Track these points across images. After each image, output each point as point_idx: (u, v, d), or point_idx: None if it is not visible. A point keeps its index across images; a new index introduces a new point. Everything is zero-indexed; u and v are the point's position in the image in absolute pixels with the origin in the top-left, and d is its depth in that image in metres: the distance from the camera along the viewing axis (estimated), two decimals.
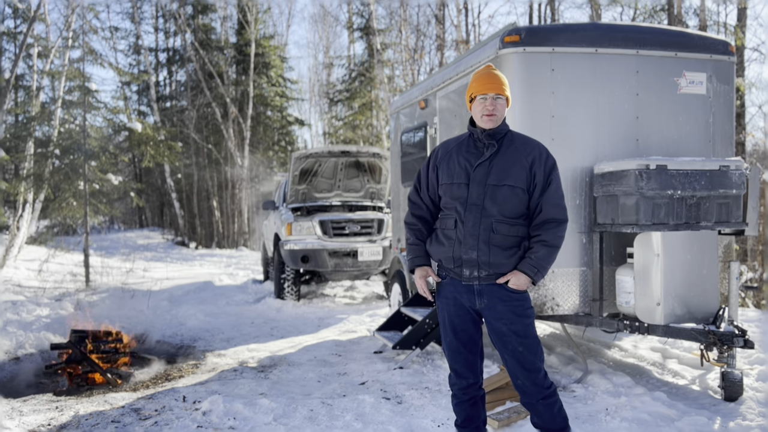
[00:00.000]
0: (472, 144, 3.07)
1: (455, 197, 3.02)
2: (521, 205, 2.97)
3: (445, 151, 3.15)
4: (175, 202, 27.39)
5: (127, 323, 7.23)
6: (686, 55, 4.93)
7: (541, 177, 2.98)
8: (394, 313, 6.39)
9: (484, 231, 2.95)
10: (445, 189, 3.08)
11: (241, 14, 25.06)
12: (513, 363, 3.01)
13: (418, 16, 21.75)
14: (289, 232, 9.40)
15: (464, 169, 3.02)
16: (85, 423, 4.22)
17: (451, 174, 3.06)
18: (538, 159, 2.99)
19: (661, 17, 14.20)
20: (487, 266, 2.95)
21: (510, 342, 2.98)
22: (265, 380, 5.26)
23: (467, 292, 3.02)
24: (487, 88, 2.99)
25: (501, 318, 2.98)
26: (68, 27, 15.48)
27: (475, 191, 2.98)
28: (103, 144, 14.11)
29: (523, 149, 3.02)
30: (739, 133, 11.42)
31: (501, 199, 2.95)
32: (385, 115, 21.91)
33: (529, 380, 3.00)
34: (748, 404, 4.21)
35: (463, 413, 3.19)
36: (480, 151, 3.03)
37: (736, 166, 4.37)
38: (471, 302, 3.03)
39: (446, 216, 3.09)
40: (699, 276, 4.31)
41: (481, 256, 2.95)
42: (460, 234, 2.99)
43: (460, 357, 3.11)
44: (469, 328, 3.08)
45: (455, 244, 3.00)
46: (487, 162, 2.99)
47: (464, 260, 2.98)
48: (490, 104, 2.98)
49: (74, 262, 13.71)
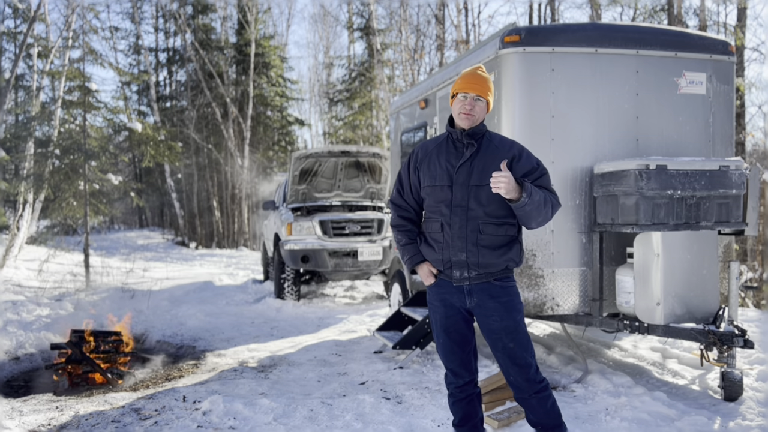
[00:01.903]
0: (452, 145, 3.06)
1: (439, 200, 3.02)
2: (506, 204, 2.95)
3: (425, 153, 3.13)
4: (175, 202, 27.39)
5: (127, 323, 7.23)
6: (686, 55, 4.93)
7: (528, 171, 2.96)
8: (394, 313, 6.39)
9: (472, 233, 2.96)
10: (428, 192, 3.07)
11: (241, 14, 25.07)
12: (504, 359, 3.03)
13: (418, 16, 21.80)
14: (289, 232, 9.41)
15: (446, 171, 3.02)
16: (85, 423, 4.22)
17: (434, 176, 3.05)
18: (518, 156, 2.98)
19: (661, 17, 14.20)
20: (476, 267, 2.97)
21: (501, 339, 3.00)
22: (265, 380, 5.26)
23: (458, 292, 3.03)
24: (470, 88, 2.99)
25: (492, 315, 2.99)
26: (68, 27, 15.48)
27: (459, 193, 2.97)
28: (103, 144, 14.09)
29: (502, 147, 3.01)
30: (739, 133, 11.42)
31: (485, 199, 2.94)
32: (385, 115, 21.91)
33: (521, 376, 3.02)
34: (748, 404, 4.22)
35: (460, 411, 3.21)
36: (460, 152, 3.03)
37: (736, 166, 4.37)
38: (462, 302, 3.04)
39: (431, 219, 3.08)
40: (699, 276, 4.31)
41: (470, 257, 2.96)
42: (448, 237, 2.99)
43: (455, 357, 3.12)
44: (461, 327, 3.09)
45: (443, 248, 3.01)
46: (468, 162, 2.99)
47: (454, 262, 2.99)
48: (468, 104, 2.98)
49: (74, 262, 13.71)
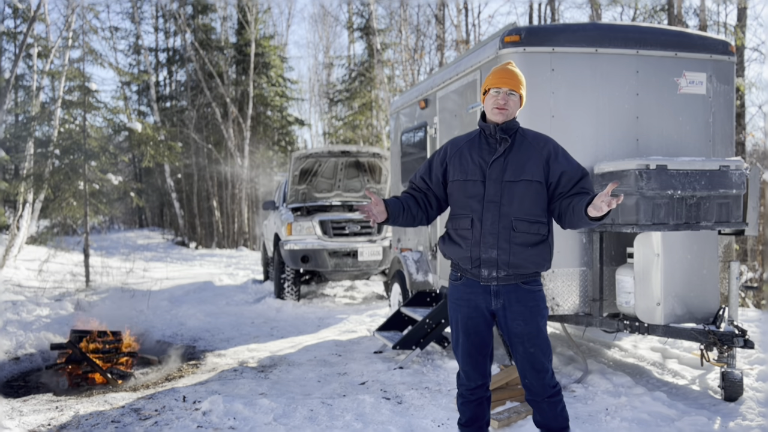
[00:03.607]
0: (484, 140, 3.01)
1: (470, 195, 2.96)
2: (540, 201, 2.93)
3: (456, 148, 3.08)
4: (175, 202, 27.38)
5: (127, 323, 7.22)
6: (686, 55, 4.93)
7: (561, 167, 2.95)
8: (394, 313, 6.39)
9: (504, 229, 2.90)
10: (457, 186, 3.00)
11: (241, 14, 25.06)
12: (523, 363, 3.01)
13: (418, 16, 21.79)
14: (289, 232, 9.40)
15: (478, 166, 2.96)
16: (85, 423, 4.22)
17: (465, 171, 2.98)
18: (554, 152, 2.96)
19: (661, 17, 14.19)
20: (506, 266, 2.91)
21: (522, 343, 2.97)
22: (265, 380, 5.26)
23: (484, 292, 2.98)
24: (502, 82, 2.95)
25: (516, 318, 2.95)
26: (68, 27, 15.47)
27: (492, 188, 2.92)
28: (103, 144, 14.06)
29: (536, 143, 2.98)
30: (739, 133, 11.42)
31: (519, 195, 2.90)
32: (385, 115, 21.90)
33: (537, 380, 2.99)
34: (748, 404, 4.22)
35: (468, 412, 3.18)
36: (493, 147, 2.98)
37: (736, 166, 4.37)
38: (487, 303, 2.99)
39: (460, 215, 3.01)
40: (699, 276, 4.31)
41: (501, 255, 2.90)
42: (478, 233, 2.93)
43: (470, 359, 3.07)
44: (481, 330, 3.04)
45: (472, 244, 2.94)
46: (501, 158, 2.94)
47: (483, 260, 2.93)
48: (502, 98, 2.94)
49: (74, 262, 13.70)
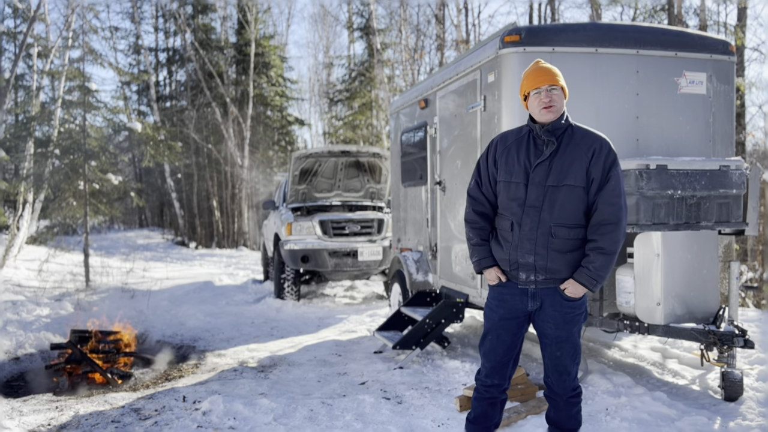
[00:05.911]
0: (532, 141, 2.96)
1: (512, 197, 2.93)
2: (581, 207, 2.88)
3: (504, 146, 3.02)
4: (175, 202, 27.38)
5: (127, 323, 7.22)
6: (686, 54, 4.93)
7: (599, 172, 2.86)
8: (394, 313, 6.39)
9: (542, 235, 2.87)
10: (502, 187, 2.98)
11: (241, 14, 25.06)
12: (548, 363, 3.03)
13: (418, 16, 21.77)
14: (289, 232, 9.40)
15: (523, 168, 2.92)
16: (85, 423, 4.22)
17: (510, 171, 2.95)
18: (598, 153, 2.87)
19: (661, 17, 14.19)
20: (544, 271, 2.89)
21: (550, 345, 2.98)
22: (265, 380, 5.26)
23: (521, 294, 2.97)
24: (539, 81, 2.90)
25: (548, 321, 2.95)
26: (68, 27, 15.46)
27: (533, 193, 2.88)
28: (103, 144, 14.05)
29: (583, 143, 2.90)
30: (739, 132, 11.41)
31: (560, 201, 2.85)
32: (385, 115, 21.90)
33: (559, 381, 3.01)
34: (748, 404, 4.22)
35: (479, 408, 3.17)
36: (540, 149, 2.92)
37: (736, 166, 4.37)
38: (524, 304, 2.98)
39: (503, 216, 3.00)
40: (699, 276, 4.31)
41: (538, 261, 2.88)
42: (516, 237, 2.91)
43: (495, 357, 3.06)
44: (513, 332, 3.03)
45: (511, 248, 2.93)
46: (546, 162, 2.89)
47: (521, 264, 2.92)
48: (545, 96, 2.88)
49: (74, 262, 13.69)
